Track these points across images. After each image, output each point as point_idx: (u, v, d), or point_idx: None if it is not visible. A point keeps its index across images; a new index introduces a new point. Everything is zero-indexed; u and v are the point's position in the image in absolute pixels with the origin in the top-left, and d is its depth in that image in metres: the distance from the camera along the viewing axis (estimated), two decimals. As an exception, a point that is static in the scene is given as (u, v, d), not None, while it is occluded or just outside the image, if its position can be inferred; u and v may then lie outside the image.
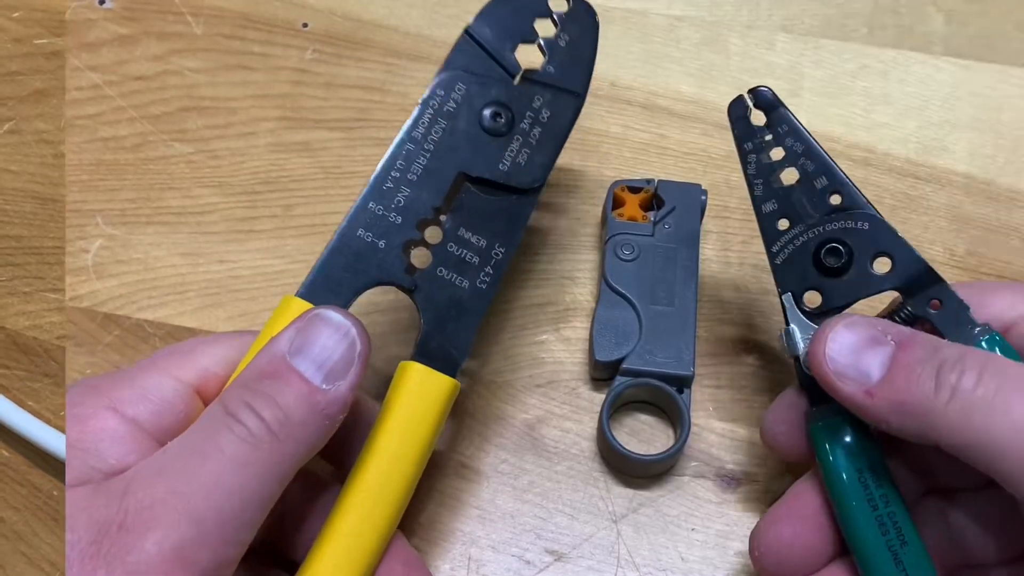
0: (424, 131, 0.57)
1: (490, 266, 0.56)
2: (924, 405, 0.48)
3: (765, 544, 0.56)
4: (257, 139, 0.76)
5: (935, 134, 0.79)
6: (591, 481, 0.65)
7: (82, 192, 0.74)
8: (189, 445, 0.46)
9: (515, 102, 0.58)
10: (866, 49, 0.83)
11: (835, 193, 0.57)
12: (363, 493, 0.50)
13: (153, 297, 0.70)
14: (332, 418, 0.48)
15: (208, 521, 0.43)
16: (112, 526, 0.43)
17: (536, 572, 0.62)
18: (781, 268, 0.57)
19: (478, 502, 0.64)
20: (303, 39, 0.81)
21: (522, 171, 0.58)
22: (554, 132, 0.58)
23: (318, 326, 0.49)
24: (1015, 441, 0.45)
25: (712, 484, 0.65)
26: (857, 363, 0.51)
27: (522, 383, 0.68)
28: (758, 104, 0.58)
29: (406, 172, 0.56)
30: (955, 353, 0.49)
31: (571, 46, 0.59)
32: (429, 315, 0.55)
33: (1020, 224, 0.75)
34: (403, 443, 0.52)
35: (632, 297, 0.66)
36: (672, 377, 0.64)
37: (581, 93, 0.59)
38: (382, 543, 0.51)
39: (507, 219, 0.57)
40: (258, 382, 0.47)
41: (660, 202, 0.69)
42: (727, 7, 0.85)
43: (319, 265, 0.55)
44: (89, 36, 0.80)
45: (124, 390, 0.49)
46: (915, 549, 0.52)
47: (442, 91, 0.58)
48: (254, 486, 0.45)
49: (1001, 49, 0.83)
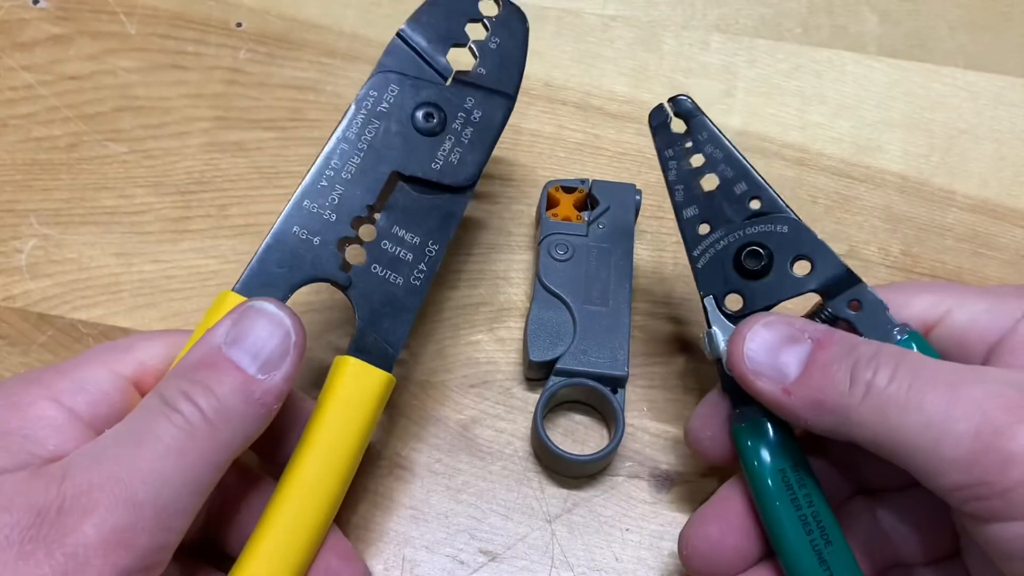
0: (358, 131, 0.58)
1: (424, 263, 0.57)
2: (840, 403, 0.49)
3: (692, 544, 0.56)
4: (191, 139, 0.76)
5: (869, 134, 0.80)
6: (525, 481, 0.65)
7: (15, 192, 0.73)
8: (127, 433, 0.46)
9: (447, 103, 0.59)
10: (800, 49, 0.83)
11: (754, 198, 0.57)
12: (298, 487, 0.51)
13: (87, 297, 0.70)
14: (268, 407, 0.48)
15: (146, 506, 0.44)
16: (51, 509, 0.43)
17: (470, 572, 0.62)
18: (703, 272, 0.58)
19: (412, 502, 0.64)
20: (237, 39, 0.81)
21: (455, 170, 0.59)
22: (486, 132, 0.59)
23: (253, 317, 0.50)
24: (927, 437, 0.45)
25: (646, 484, 0.65)
26: (775, 361, 0.52)
27: (456, 383, 0.68)
28: (678, 112, 0.59)
29: (340, 171, 0.57)
30: (870, 350, 0.49)
31: (501, 48, 0.60)
32: (364, 311, 0.56)
33: (954, 223, 0.76)
34: (338, 436, 0.52)
35: (566, 297, 0.66)
36: (606, 377, 0.64)
37: (512, 94, 0.60)
38: (317, 536, 0.51)
39: (440, 217, 0.58)
40: (194, 372, 0.48)
41: (594, 202, 0.69)
42: (661, 7, 0.85)
43: (255, 261, 0.55)
44: (23, 36, 0.80)
45: (62, 381, 0.49)
46: (839, 548, 0.52)
47: (375, 92, 0.58)
48: (191, 473, 0.46)
49: (935, 49, 0.84)
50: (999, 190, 0.78)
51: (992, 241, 0.75)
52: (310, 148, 0.76)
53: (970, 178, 0.78)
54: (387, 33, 0.59)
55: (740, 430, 0.55)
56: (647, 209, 0.74)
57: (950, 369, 0.48)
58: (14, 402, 0.48)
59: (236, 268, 0.70)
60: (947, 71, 0.83)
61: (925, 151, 0.79)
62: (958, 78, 0.83)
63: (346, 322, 0.68)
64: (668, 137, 0.59)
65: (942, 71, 0.83)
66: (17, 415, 0.47)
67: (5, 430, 0.47)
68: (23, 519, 0.42)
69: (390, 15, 0.82)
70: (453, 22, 0.60)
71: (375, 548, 0.63)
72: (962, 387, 0.46)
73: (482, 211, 0.74)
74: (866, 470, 0.57)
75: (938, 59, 0.84)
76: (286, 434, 0.55)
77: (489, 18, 0.60)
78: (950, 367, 0.48)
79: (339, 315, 0.69)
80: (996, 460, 0.44)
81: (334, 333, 0.69)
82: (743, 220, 0.57)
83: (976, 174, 0.78)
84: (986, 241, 0.75)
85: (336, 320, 0.69)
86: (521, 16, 0.61)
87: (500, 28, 0.60)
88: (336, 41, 0.81)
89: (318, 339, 0.69)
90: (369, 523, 0.63)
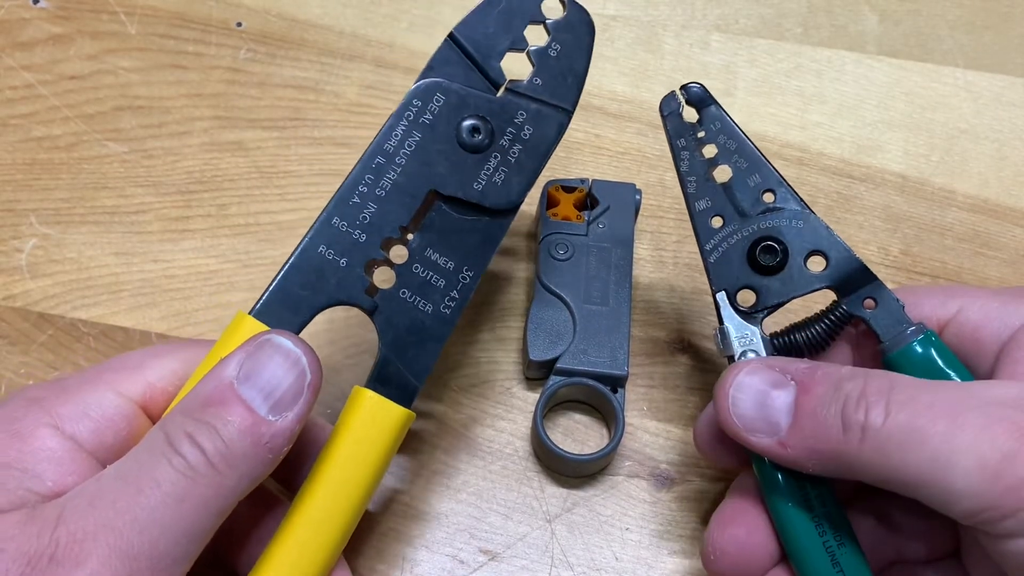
0: (396, 144, 0.53)
1: (456, 290, 0.54)
2: (837, 450, 0.48)
3: (721, 547, 0.55)
4: (191, 138, 0.76)
5: (869, 134, 0.80)
6: (525, 481, 0.65)
7: (16, 191, 0.73)
8: (125, 474, 0.45)
9: (496, 116, 0.54)
10: (800, 49, 0.83)
11: (768, 191, 0.57)
12: (308, 518, 0.49)
13: (87, 296, 0.70)
14: (276, 451, 0.46)
15: (141, 557, 0.43)
16: (43, 558, 0.42)
17: (470, 572, 0.62)
18: (715, 266, 0.57)
19: (412, 501, 0.64)
20: (237, 38, 0.81)
21: (498, 191, 0.54)
22: (536, 151, 0.55)
23: (268, 352, 0.47)
24: (934, 471, 0.45)
25: (646, 484, 0.65)
26: (764, 415, 0.51)
27: (456, 383, 0.68)
28: (690, 100, 0.57)
29: (374, 187, 0.53)
30: (857, 387, 0.48)
31: (562, 57, 0.55)
32: (388, 339, 0.53)
33: (953, 223, 0.76)
34: (351, 472, 0.50)
35: (566, 297, 0.66)
36: (606, 377, 0.64)
37: (570, 109, 0.56)
38: (324, 570, 0.50)
39: (478, 241, 0.55)
40: (202, 411, 0.46)
41: (594, 201, 0.70)
42: (662, 7, 0.85)
43: (277, 281, 0.52)
44: (23, 35, 0.80)
45: (66, 405, 0.48)
46: (852, 550, 0.52)
47: (419, 101, 0.54)
48: (190, 521, 0.44)
49: (935, 49, 0.84)
50: (999, 190, 0.78)
51: (992, 241, 0.75)
52: (310, 148, 0.76)
53: (970, 178, 0.78)
54: (387, 32, 0.59)
55: None
56: (646, 209, 0.74)
57: (946, 394, 0.47)
58: (15, 430, 0.47)
59: (236, 267, 0.70)
60: (947, 71, 0.83)
61: (925, 151, 0.79)
62: (958, 78, 0.83)
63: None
64: (679, 126, 0.57)
65: (942, 71, 0.83)
66: (16, 445, 0.46)
67: (4, 463, 0.46)
68: (13, 568, 0.41)
69: (390, 15, 0.82)
70: (511, 24, 0.55)
71: (375, 547, 0.63)
72: (963, 416, 0.45)
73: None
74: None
75: (938, 59, 0.84)
76: (303, 459, 0.54)
77: (551, 20, 0.55)
78: (945, 391, 0.48)
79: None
80: (1007, 486, 0.43)
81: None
82: (757, 214, 0.56)
83: (976, 174, 0.78)
84: (986, 241, 0.75)
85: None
86: (587, 19, 0.56)
87: (562, 33, 0.55)
88: (336, 41, 0.81)
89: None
90: (369, 522, 0.63)
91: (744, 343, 0.55)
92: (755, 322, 0.56)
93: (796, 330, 0.56)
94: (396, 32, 0.81)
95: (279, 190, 0.74)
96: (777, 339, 0.56)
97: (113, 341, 0.68)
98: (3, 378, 0.66)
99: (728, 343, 0.56)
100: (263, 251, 0.71)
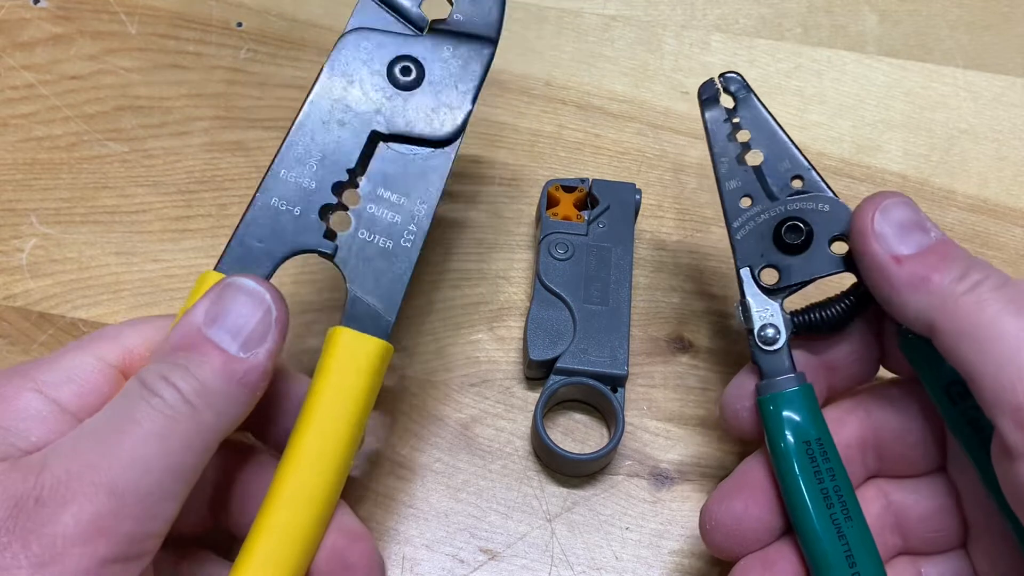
0: (333, 93, 0.56)
1: (413, 223, 0.55)
2: (944, 286, 0.49)
3: (716, 518, 0.56)
4: (192, 138, 0.76)
5: (869, 134, 0.80)
6: (525, 480, 0.65)
7: (16, 191, 0.73)
8: (107, 420, 0.45)
9: (423, 55, 0.57)
10: (800, 49, 0.84)
11: (797, 177, 0.58)
12: (301, 464, 0.49)
13: (87, 296, 0.70)
14: (252, 386, 0.48)
15: (127, 493, 0.43)
16: (28, 500, 0.42)
17: (470, 571, 0.62)
18: (740, 243, 0.58)
19: (412, 501, 0.64)
20: (238, 38, 0.81)
21: (437, 124, 0.56)
22: (467, 80, 0.57)
23: (232, 295, 0.49)
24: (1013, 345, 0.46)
25: (646, 483, 0.65)
26: (898, 232, 0.52)
27: (456, 382, 0.68)
28: (727, 88, 0.60)
29: (316, 135, 0.55)
30: (985, 263, 0.50)
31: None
32: (355, 278, 0.54)
33: (954, 223, 0.76)
34: (338, 409, 0.51)
35: (566, 296, 0.66)
36: (606, 376, 0.64)
37: (494, 37, 0.58)
38: (324, 513, 0.50)
39: (426, 174, 0.56)
40: (174, 354, 0.47)
41: (594, 201, 0.70)
42: (662, 7, 0.85)
43: (233, 238, 0.54)
44: (23, 35, 0.80)
45: (47, 372, 0.48)
46: (859, 525, 0.53)
47: (347, 51, 0.57)
48: (174, 458, 0.45)
49: (934, 49, 0.84)
50: (999, 190, 0.78)
51: (992, 241, 0.75)
52: (310, 147, 0.76)
53: (970, 178, 0.78)
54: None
55: (765, 401, 0.56)
56: (646, 208, 0.74)
57: None
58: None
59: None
60: (947, 71, 0.83)
61: (925, 151, 0.79)
62: (958, 78, 0.83)
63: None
64: (715, 111, 0.60)
65: (942, 71, 0.83)
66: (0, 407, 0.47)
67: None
68: (0, 512, 0.42)
69: (390, 15, 0.82)
70: None
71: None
72: None
73: (482, 211, 0.74)
74: (883, 454, 0.57)
75: (938, 59, 0.84)
76: (280, 413, 0.54)
77: None
78: None
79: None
80: None
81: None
82: (785, 196, 0.58)
83: (976, 174, 0.78)
84: (986, 241, 0.75)
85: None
86: None
87: None
88: (336, 41, 0.81)
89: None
90: (369, 522, 0.63)
91: (764, 317, 0.57)
92: (776, 299, 0.57)
93: (816, 309, 0.57)
94: (396, 32, 0.80)
95: (279, 190, 0.74)
96: (797, 316, 0.57)
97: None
98: (3, 377, 0.66)
99: (749, 316, 0.57)
100: (263, 251, 0.71)
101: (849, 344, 0.58)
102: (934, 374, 0.53)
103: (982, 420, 0.51)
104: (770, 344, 0.56)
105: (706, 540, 0.57)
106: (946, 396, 0.53)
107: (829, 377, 0.58)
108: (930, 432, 0.56)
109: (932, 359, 0.53)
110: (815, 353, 0.58)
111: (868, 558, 0.53)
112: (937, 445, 0.56)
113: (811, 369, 0.57)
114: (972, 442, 0.52)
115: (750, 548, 0.55)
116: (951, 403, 0.53)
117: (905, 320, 0.51)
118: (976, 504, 0.54)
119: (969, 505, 0.55)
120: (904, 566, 0.56)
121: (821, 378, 0.58)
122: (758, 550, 0.55)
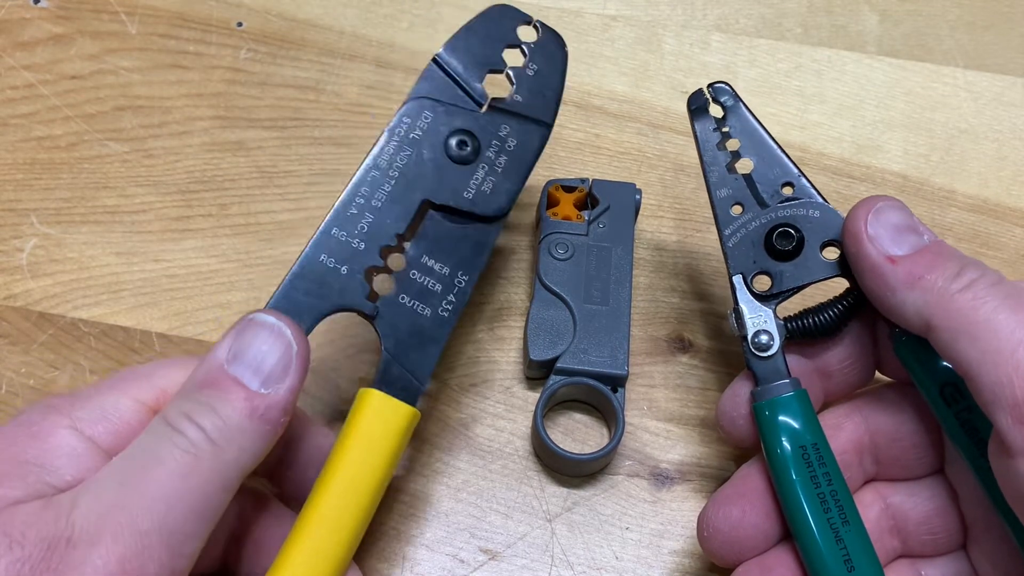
0: (389, 158, 0.57)
1: (453, 294, 0.56)
2: (939, 285, 0.49)
3: (713, 525, 0.56)
4: (192, 138, 0.76)
5: (869, 133, 0.80)
6: (525, 480, 0.65)
7: (16, 191, 0.73)
8: (132, 458, 0.46)
9: (481, 131, 0.58)
10: (800, 48, 0.84)
11: (788, 184, 0.59)
12: (319, 521, 0.50)
13: (88, 296, 0.70)
14: (273, 422, 0.48)
15: (152, 533, 0.43)
16: (61, 541, 0.42)
17: (470, 571, 0.62)
18: (732, 251, 0.59)
19: (412, 501, 0.64)
20: (238, 38, 0.81)
21: (487, 199, 0.57)
22: (520, 160, 0.59)
23: (253, 330, 0.49)
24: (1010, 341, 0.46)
25: (646, 483, 0.65)
26: (891, 234, 0.53)
27: (456, 382, 0.68)
28: (716, 99, 0.60)
29: (370, 199, 0.56)
30: (979, 263, 0.51)
31: (539, 75, 0.59)
32: (390, 342, 0.55)
33: (954, 223, 0.76)
34: (361, 472, 0.51)
35: (566, 296, 0.66)
36: (606, 376, 0.64)
37: (549, 122, 0.60)
38: (338, 572, 0.50)
39: (471, 247, 0.57)
40: (197, 392, 0.47)
41: (594, 201, 0.70)
42: (662, 6, 0.85)
43: (281, 289, 0.54)
44: (23, 35, 0.80)
45: (82, 409, 0.49)
46: (857, 529, 0.53)
47: (408, 119, 0.57)
48: (197, 496, 0.45)
49: (935, 49, 0.84)
50: (999, 190, 0.78)
51: (992, 241, 0.75)
52: (310, 148, 0.76)
53: (970, 178, 0.78)
54: (387, 33, 0.59)
55: (761, 407, 0.56)
56: (646, 208, 0.74)
57: None
58: (34, 432, 0.47)
59: (237, 267, 0.70)
60: (947, 71, 0.83)
61: (925, 151, 0.79)
62: (958, 78, 0.83)
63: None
64: (705, 121, 0.60)
65: (942, 71, 0.83)
66: (35, 444, 0.47)
67: (23, 459, 0.46)
68: (35, 552, 0.42)
69: (390, 15, 0.82)
70: (490, 48, 0.59)
71: (376, 546, 0.63)
72: None
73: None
74: (880, 458, 0.57)
75: (938, 59, 0.84)
76: (297, 458, 0.55)
77: (527, 44, 0.60)
78: None
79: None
80: None
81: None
82: (776, 204, 0.58)
83: (976, 174, 0.78)
84: (986, 241, 0.75)
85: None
86: (560, 42, 0.60)
87: (538, 54, 0.60)
88: (336, 41, 0.81)
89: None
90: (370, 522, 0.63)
91: (757, 323, 0.57)
92: (769, 305, 0.57)
93: (809, 314, 0.57)
94: (396, 32, 0.81)
95: (280, 190, 0.74)
96: (791, 322, 0.57)
97: (114, 341, 0.68)
98: (4, 378, 0.67)
99: (742, 323, 0.58)
100: (263, 251, 0.71)
101: (843, 349, 0.58)
102: (928, 376, 0.54)
103: (977, 421, 0.51)
104: (764, 350, 0.57)
105: (704, 547, 0.57)
106: (941, 398, 0.53)
107: (824, 382, 0.59)
108: (926, 434, 0.56)
109: (926, 361, 0.53)
110: (810, 359, 0.58)
111: (866, 562, 0.53)
112: (934, 447, 0.56)
113: (806, 375, 0.58)
114: (967, 443, 0.52)
115: (748, 555, 0.56)
116: (946, 405, 0.53)
117: (900, 320, 0.52)
118: (975, 505, 0.55)
119: (968, 506, 0.55)
120: (904, 569, 0.57)
121: (816, 383, 0.58)
122: (756, 556, 0.56)
